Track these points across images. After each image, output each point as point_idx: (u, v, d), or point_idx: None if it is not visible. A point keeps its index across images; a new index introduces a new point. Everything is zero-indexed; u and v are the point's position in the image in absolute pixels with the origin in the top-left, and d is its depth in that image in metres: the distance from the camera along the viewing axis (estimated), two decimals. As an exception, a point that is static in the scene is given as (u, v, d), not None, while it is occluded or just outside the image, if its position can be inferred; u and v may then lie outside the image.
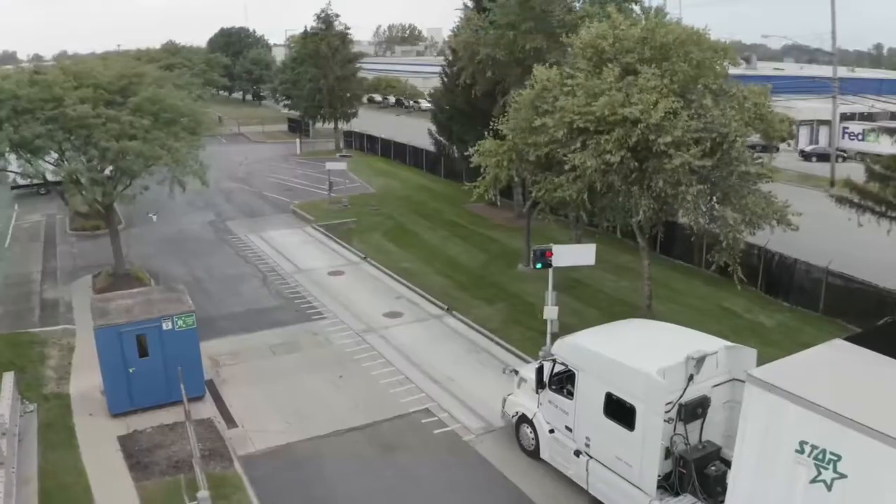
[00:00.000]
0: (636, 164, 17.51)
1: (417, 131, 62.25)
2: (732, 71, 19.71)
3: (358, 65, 58.10)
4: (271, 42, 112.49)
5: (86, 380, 18.44)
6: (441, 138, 38.97)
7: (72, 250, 30.44)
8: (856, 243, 24.59)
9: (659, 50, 18.46)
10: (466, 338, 21.62)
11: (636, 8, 25.43)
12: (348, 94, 57.39)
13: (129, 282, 25.23)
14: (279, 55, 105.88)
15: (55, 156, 23.31)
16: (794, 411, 9.83)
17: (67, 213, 33.78)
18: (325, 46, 54.15)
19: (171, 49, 69.23)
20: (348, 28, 55.82)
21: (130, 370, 16.35)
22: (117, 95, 23.17)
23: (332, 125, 60.31)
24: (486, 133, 21.48)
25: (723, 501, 11.36)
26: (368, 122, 63.60)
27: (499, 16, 24.88)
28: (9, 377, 16.18)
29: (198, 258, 29.50)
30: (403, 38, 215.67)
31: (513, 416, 15.73)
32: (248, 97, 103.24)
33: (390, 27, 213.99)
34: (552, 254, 18.79)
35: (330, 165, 38.29)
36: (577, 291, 24.72)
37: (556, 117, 18.22)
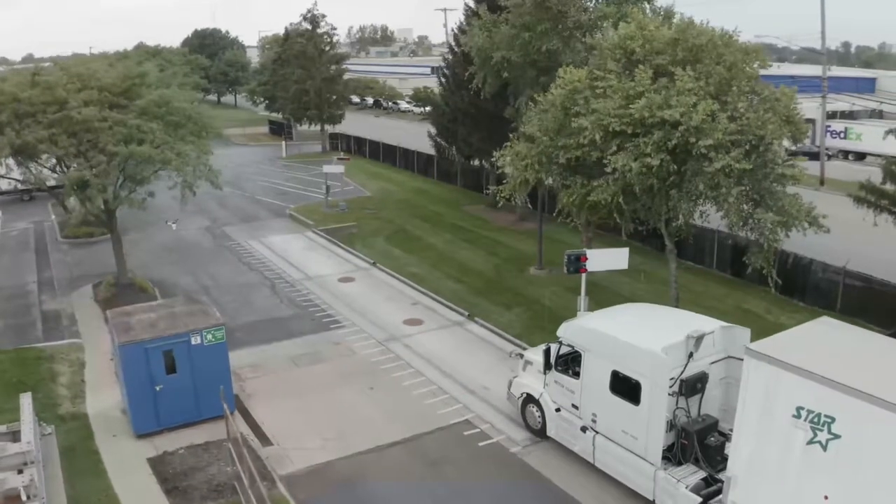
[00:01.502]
0: (675, 166, 17.24)
1: (401, 133, 61.70)
2: None
3: (344, 65, 57.13)
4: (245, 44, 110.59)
5: (102, 398, 17.58)
6: (441, 141, 38.34)
7: (66, 259, 29.16)
8: (860, 242, 24.72)
9: (691, 52, 18.25)
10: (492, 344, 21.15)
11: (647, 7, 25.18)
12: (334, 97, 56.46)
13: (133, 292, 24.25)
14: (252, 56, 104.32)
15: (55, 161, 22.24)
16: (791, 379, 10.72)
17: (56, 220, 32.45)
18: (311, 47, 53.14)
19: (151, 51, 67.38)
20: (334, 28, 54.95)
21: (157, 388, 15.52)
22: (121, 97, 22.16)
23: (315, 127, 59.33)
24: (509, 135, 20.98)
25: (722, 469, 12.27)
26: (348, 123, 62.56)
27: (513, 15, 24.45)
28: (26, 399, 15.15)
29: (200, 266, 28.50)
30: (375, 39, 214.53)
31: (519, 398, 16.38)
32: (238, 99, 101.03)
33: (362, 28, 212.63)
34: (587, 258, 18.53)
35: (327, 168, 37.46)
36: (594, 294, 24.30)
37: (591, 119, 17.86)
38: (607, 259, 18.96)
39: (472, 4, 34.39)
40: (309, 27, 53.77)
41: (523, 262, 28.84)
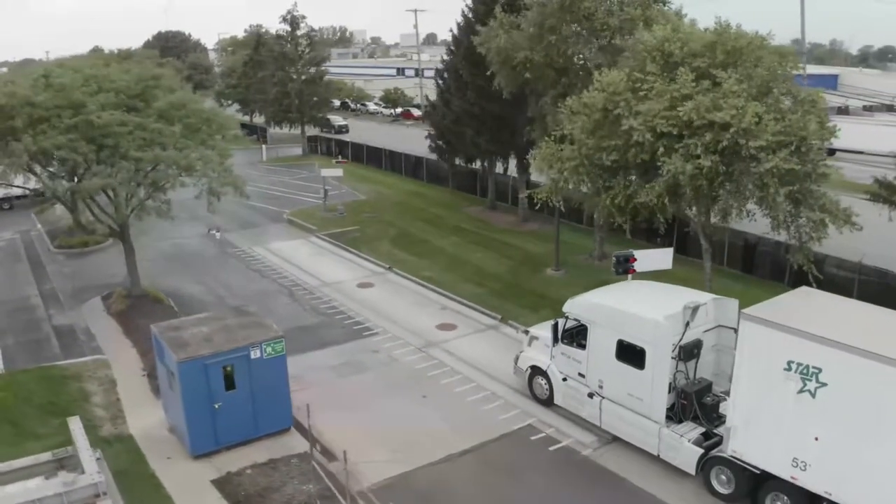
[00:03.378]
0: (723, 167, 17.41)
1: (374, 134, 61.09)
2: None
3: (324, 67, 56.12)
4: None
5: (144, 417, 16.70)
6: (441, 143, 37.92)
7: (63, 270, 27.72)
8: (871, 239, 25.40)
9: (730, 54, 18.48)
10: (531, 348, 20.97)
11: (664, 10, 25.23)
12: (315, 98, 55.38)
13: (148, 304, 23.26)
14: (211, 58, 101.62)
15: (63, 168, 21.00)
16: (782, 338, 12.29)
17: (44, 230, 30.79)
18: (291, 48, 52.01)
19: (124, 54, 64.85)
20: (314, 30, 53.86)
21: (216, 406, 14.76)
22: (136, 100, 21.14)
23: (292, 130, 58.09)
24: (546, 137, 20.81)
25: (718, 425, 14.05)
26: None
27: (535, 16, 24.28)
28: (76, 423, 14.16)
29: (208, 274, 27.50)
30: (332, 41, 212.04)
31: (526, 370, 17.71)
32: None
33: (321, 29, 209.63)
34: (636, 259, 18.59)
35: (325, 172, 36.78)
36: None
37: (637, 121, 17.89)
38: (653, 259, 19.06)
39: (470, 4, 34.19)
40: (288, 28, 52.54)
41: (536, 263, 28.76)
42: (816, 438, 12.03)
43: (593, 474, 14.73)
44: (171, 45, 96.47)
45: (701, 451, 13.88)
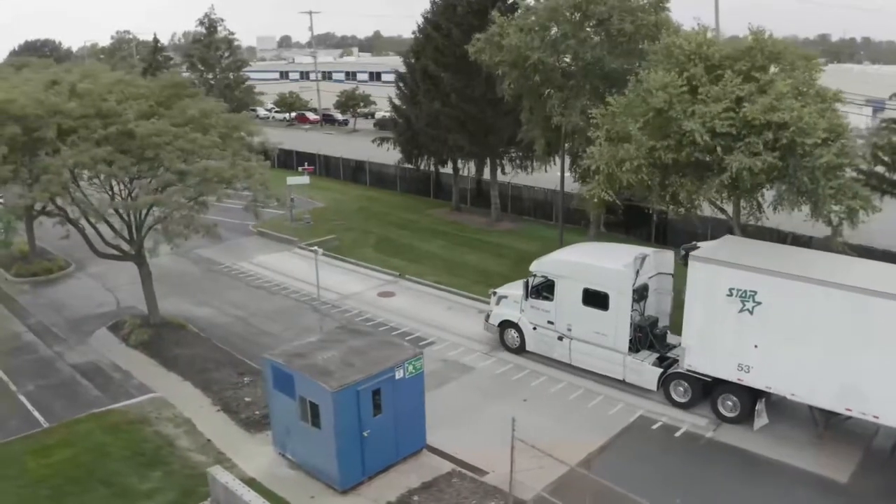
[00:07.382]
0: (780, 163, 18.96)
1: (277, 139, 58.56)
2: None
3: (244, 72, 52.94)
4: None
5: (252, 457, 15.30)
6: (406, 146, 37.38)
7: (39, 301, 24.13)
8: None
9: (769, 58, 20.16)
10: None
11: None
12: (233, 105, 52.08)
13: (173, 332, 21.16)
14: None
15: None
16: (724, 270, 15.84)
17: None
18: (211, 53, 48.63)
19: (17, 63, 56.78)
20: (233, 33, 50.78)
21: (365, 433, 13.80)
22: (161, 108, 19.02)
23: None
24: (595, 138, 21.34)
25: (669, 350, 17.99)
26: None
27: (542, 17, 24.76)
28: (224, 474, 12.64)
29: (209, 294, 25.26)
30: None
31: (498, 326, 20.54)
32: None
33: (185, 34, 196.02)
34: (701, 251, 19.74)
35: (291, 181, 34.82)
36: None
37: (696, 122, 18.98)
38: (709, 251, 20.33)
39: (429, 17, 34.19)
40: (205, 32, 49.03)
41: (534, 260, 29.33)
42: (756, 346, 15.40)
43: (730, 455, 15.48)
44: (41, 55, 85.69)
45: (660, 370, 17.43)
